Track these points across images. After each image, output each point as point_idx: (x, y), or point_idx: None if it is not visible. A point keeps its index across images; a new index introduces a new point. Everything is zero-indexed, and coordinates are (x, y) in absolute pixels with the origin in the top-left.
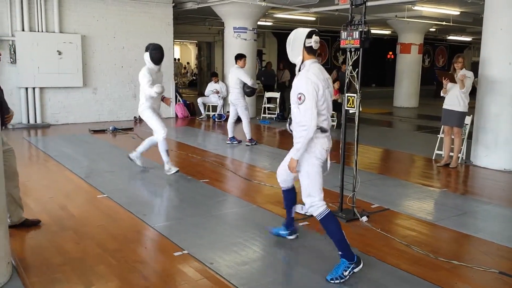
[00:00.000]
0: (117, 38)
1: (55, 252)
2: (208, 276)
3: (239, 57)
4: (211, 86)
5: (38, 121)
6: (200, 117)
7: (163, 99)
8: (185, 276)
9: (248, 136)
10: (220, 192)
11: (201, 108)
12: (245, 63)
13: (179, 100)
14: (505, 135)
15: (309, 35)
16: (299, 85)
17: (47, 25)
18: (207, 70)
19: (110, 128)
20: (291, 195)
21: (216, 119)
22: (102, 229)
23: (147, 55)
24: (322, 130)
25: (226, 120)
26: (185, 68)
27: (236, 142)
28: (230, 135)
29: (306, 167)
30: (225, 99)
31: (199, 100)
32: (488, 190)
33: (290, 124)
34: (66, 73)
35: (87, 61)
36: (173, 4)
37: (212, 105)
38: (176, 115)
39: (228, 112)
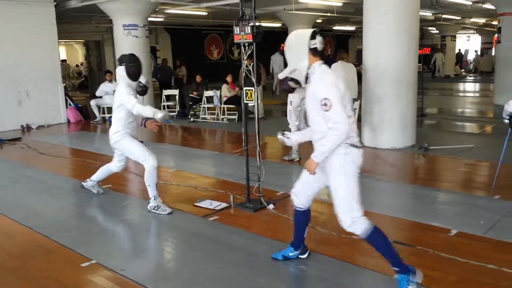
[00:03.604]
0: None
1: None
2: (121, 283)
3: None
4: (104, 87)
5: None
6: (95, 120)
7: (145, 123)
8: (95, 286)
9: None
10: (125, 196)
11: (95, 111)
12: None
13: (70, 104)
14: (389, 115)
15: (312, 36)
16: (319, 90)
17: None
18: (98, 70)
19: None
20: (307, 217)
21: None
22: None
23: (122, 70)
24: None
25: None
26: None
27: None
28: None
29: (341, 177)
30: None
31: (92, 103)
32: (379, 168)
33: (282, 134)
34: None
35: None
36: (55, 3)
37: (107, 107)
38: (68, 120)
39: None
